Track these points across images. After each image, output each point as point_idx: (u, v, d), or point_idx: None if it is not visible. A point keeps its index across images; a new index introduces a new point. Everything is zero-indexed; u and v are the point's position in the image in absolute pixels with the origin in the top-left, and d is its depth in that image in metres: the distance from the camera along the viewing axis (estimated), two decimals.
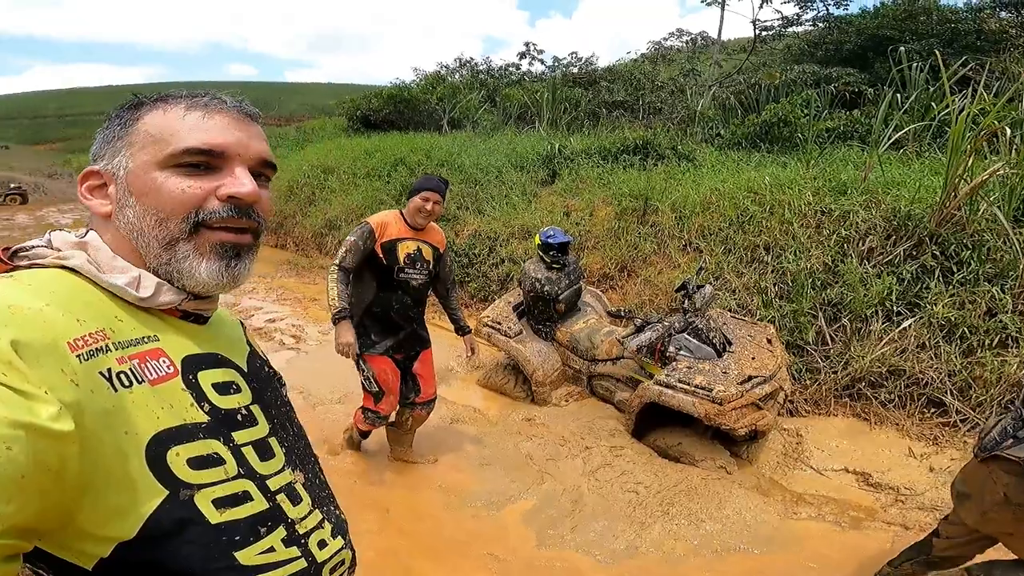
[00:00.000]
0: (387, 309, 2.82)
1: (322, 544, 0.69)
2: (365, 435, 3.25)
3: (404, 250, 2.78)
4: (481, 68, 18.54)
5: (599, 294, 5.02)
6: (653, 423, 3.57)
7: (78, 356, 0.53)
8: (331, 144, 13.47)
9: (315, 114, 28.79)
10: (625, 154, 8.08)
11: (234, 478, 0.61)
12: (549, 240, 4.24)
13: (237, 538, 0.59)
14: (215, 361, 0.68)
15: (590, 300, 4.76)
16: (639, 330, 3.88)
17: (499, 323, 4.29)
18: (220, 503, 0.58)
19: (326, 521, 0.72)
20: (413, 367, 3.04)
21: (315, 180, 10.89)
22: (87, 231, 0.68)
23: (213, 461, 0.60)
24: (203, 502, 0.57)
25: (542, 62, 18.25)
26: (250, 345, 0.81)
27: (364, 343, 2.77)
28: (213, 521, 0.57)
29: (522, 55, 18.37)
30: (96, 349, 0.55)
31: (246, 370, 0.73)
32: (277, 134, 20.45)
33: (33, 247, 0.64)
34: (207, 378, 0.65)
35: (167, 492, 0.55)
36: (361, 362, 2.80)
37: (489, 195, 8.07)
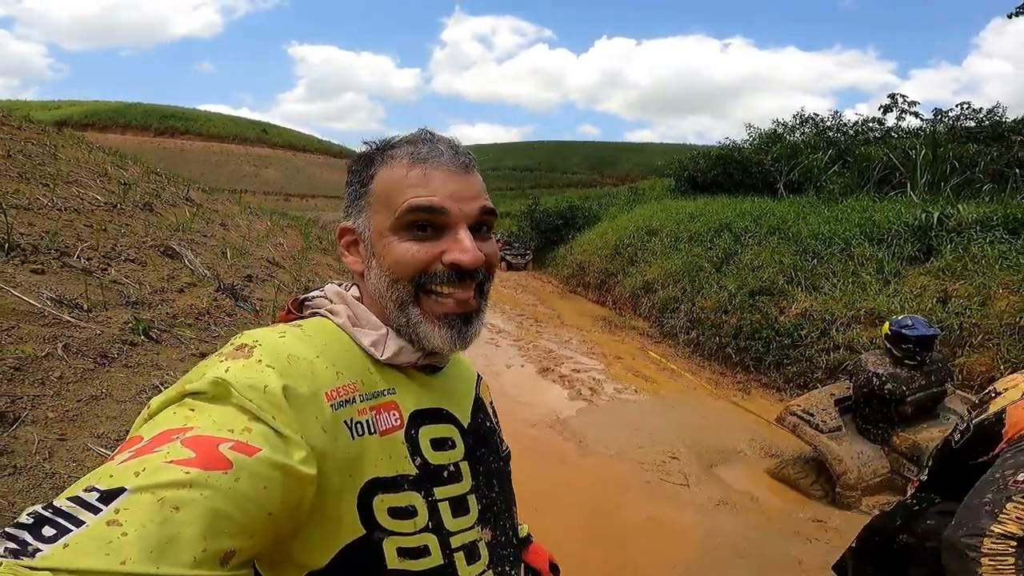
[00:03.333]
0: None
1: None
2: None
3: None
4: (829, 124, 16.45)
5: (977, 402, 3.72)
6: None
7: (331, 405, 0.58)
8: (657, 206, 13.86)
9: (647, 174, 30.34)
10: None
11: (421, 531, 0.63)
12: (904, 331, 3.59)
13: None
14: (438, 416, 0.71)
15: (957, 407, 3.80)
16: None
17: (811, 414, 3.88)
18: (402, 552, 0.61)
19: None
20: None
21: (639, 240, 11.29)
22: (352, 285, 0.75)
23: (408, 513, 0.62)
24: (389, 548, 0.60)
25: (916, 115, 15.03)
26: (479, 398, 0.82)
27: None
28: (390, 566, 0.60)
29: (886, 108, 15.45)
30: (346, 400, 0.60)
31: (466, 425, 0.75)
32: (612, 193, 22.09)
33: (315, 297, 0.72)
34: (427, 433, 0.68)
35: (363, 532, 0.59)
36: None
37: (830, 270, 6.98)
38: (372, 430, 0.62)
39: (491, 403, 0.87)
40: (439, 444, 0.69)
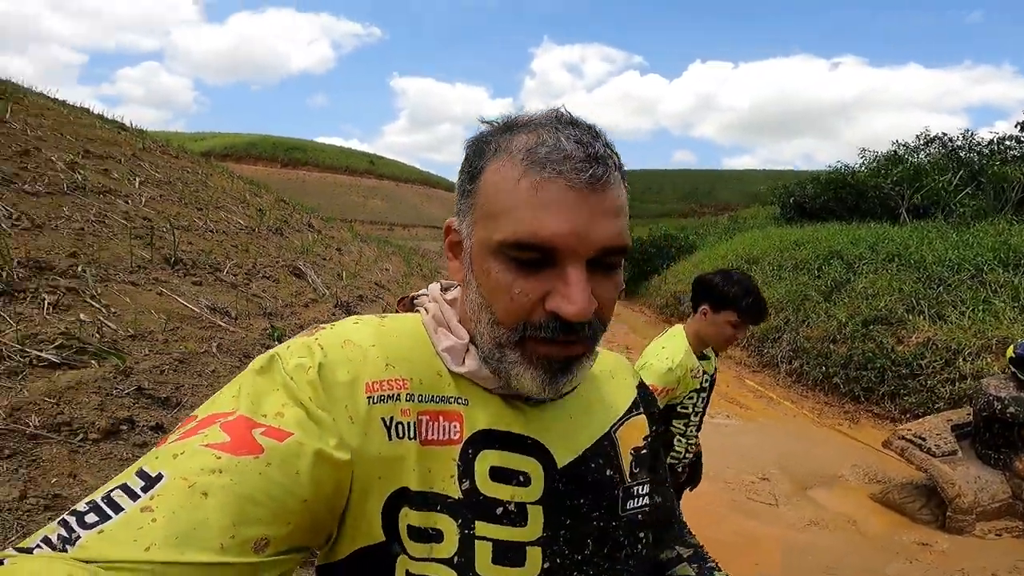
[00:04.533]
0: None
1: None
2: None
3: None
4: (960, 144, 14.90)
5: None
6: None
7: (369, 398, 0.53)
8: (759, 233, 13.25)
9: (748, 201, 28.99)
10: None
11: (437, 561, 0.53)
12: None
13: None
14: (516, 444, 0.59)
15: None
16: None
17: (923, 438, 3.76)
18: None
19: None
20: None
21: (738, 269, 10.83)
22: (457, 286, 0.66)
23: (427, 536, 0.54)
24: (400, 567, 0.53)
25: None
26: (610, 438, 0.66)
27: None
28: None
29: None
30: (388, 396, 0.54)
31: (561, 465, 0.60)
32: (710, 222, 21.27)
33: (420, 295, 0.69)
34: (489, 459, 0.57)
35: (382, 539, 0.53)
36: None
37: (957, 298, 6.34)
38: (413, 435, 0.54)
39: (640, 449, 0.69)
40: (502, 475, 0.57)
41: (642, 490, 0.67)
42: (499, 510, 0.56)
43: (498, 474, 0.57)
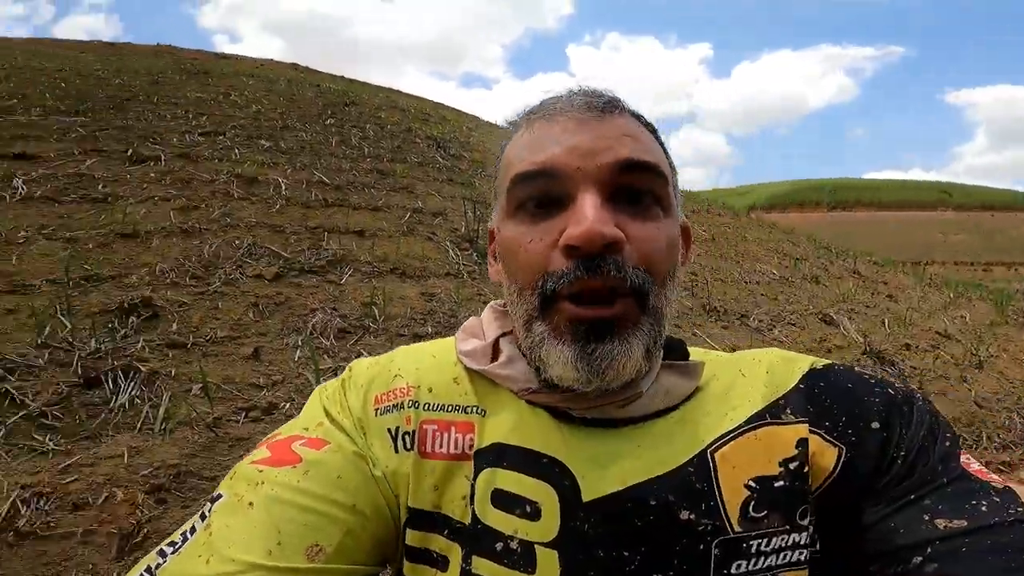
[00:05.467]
0: None
1: None
2: None
3: None
4: None
5: None
6: None
7: (375, 410, 0.51)
8: None
9: None
10: None
11: None
12: None
13: None
14: (531, 464, 0.45)
15: None
16: None
17: None
18: None
19: None
20: None
21: None
22: None
23: (432, 561, 0.47)
24: None
25: None
26: (707, 462, 0.44)
27: None
28: None
29: None
30: (392, 406, 0.51)
31: (588, 499, 0.43)
32: None
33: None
34: (491, 478, 0.46)
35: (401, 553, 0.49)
36: None
37: None
38: (411, 447, 0.49)
39: (773, 480, 0.45)
40: (505, 501, 0.45)
41: (772, 544, 0.43)
42: (498, 546, 0.44)
43: (500, 499, 0.46)
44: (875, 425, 0.46)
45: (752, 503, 0.44)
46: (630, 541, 0.43)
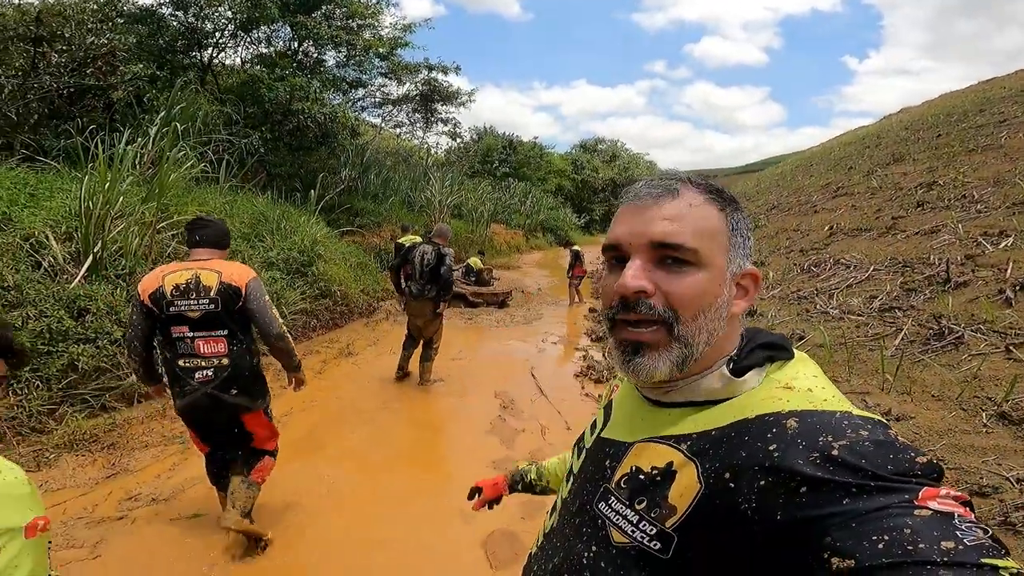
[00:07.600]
0: None
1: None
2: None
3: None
4: None
5: None
6: None
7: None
8: None
9: None
10: None
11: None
12: None
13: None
14: (607, 413, 0.80)
15: None
16: None
17: None
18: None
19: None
20: None
21: None
22: None
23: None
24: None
25: None
26: (627, 446, 0.70)
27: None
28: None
29: None
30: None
31: (598, 434, 0.78)
32: None
33: None
34: (601, 414, 0.82)
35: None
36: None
37: None
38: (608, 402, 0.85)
39: (638, 473, 0.65)
40: (594, 424, 0.83)
41: (628, 513, 0.62)
42: (579, 445, 0.83)
43: (593, 424, 0.82)
44: (745, 482, 0.54)
45: (624, 479, 0.66)
46: (589, 463, 0.76)
